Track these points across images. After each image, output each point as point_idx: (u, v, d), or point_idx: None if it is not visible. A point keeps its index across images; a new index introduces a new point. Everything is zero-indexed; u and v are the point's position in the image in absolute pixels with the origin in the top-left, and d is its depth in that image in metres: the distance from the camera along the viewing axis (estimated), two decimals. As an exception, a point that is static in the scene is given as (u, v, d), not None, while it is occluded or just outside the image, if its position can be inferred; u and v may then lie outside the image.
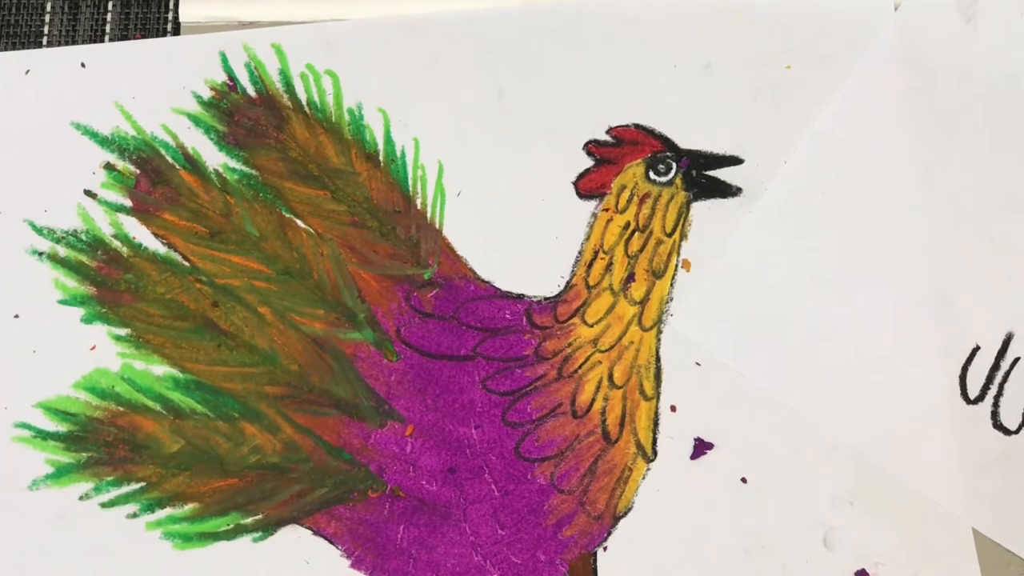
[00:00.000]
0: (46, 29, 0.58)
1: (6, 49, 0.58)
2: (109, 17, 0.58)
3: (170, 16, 0.58)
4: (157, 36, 0.58)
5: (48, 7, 0.59)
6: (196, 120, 0.55)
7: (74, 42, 0.58)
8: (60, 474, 0.52)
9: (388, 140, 0.55)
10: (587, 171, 0.54)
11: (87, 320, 0.53)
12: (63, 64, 0.56)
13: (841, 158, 0.54)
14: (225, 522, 0.51)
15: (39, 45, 0.58)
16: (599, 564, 0.51)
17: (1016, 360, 0.52)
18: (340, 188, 0.54)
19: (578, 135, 0.55)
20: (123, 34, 0.58)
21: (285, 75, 0.55)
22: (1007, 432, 0.51)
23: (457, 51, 0.56)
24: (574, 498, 0.51)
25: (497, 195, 0.54)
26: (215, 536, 0.51)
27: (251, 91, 0.55)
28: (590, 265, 0.53)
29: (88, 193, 0.54)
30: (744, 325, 0.53)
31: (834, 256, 0.53)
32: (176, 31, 0.58)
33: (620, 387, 0.52)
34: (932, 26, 0.55)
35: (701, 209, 0.54)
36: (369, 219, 0.54)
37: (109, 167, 0.55)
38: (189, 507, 0.51)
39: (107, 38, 0.58)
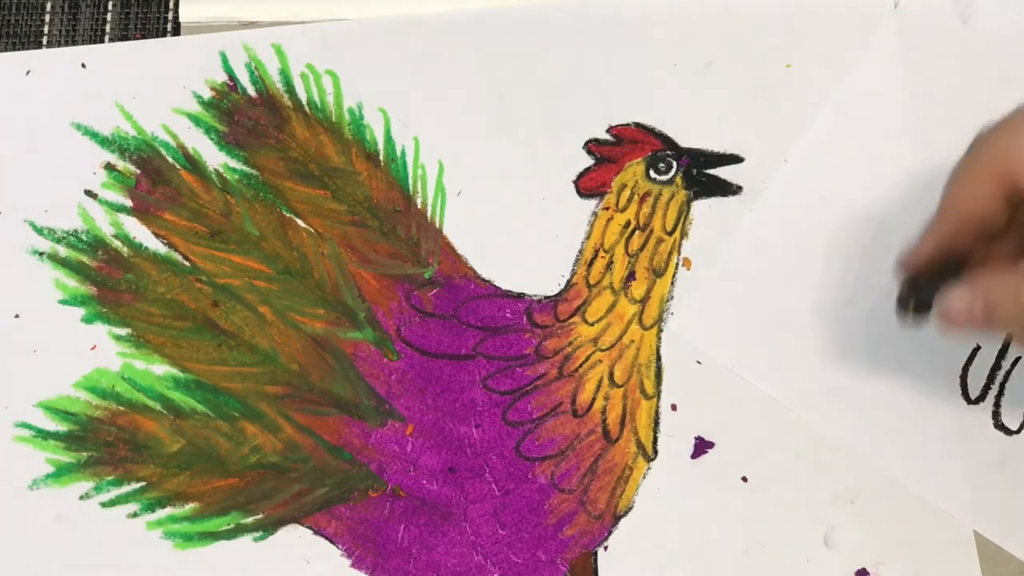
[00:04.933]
0: (46, 29, 0.59)
1: (6, 49, 0.58)
2: (109, 17, 0.59)
3: (170, 16, 0.58)
4: (157, 36, 0.58)
5: (48, 7, 0.59)
6: (196, 120, 0.55)
7: (74, 42, 0.58)
8: (60, 473, 0.52)
9: (388, 140, 0.55)
10: (587, 170, 0.54)
11: (87, 320, 0.53)
12: (63, 64, 0.56)
13: (841, 156, 0.54)
14: (225, 522, 0.51)
15: (39, 45, 0.58)
16: (600, 563, 0.51)
17: (1017, 360, 0.51)
18: (340, 187, 0.54)
19: (578, 134, 0.55)
20: (123, 34, 0.58)
21: (285, 75, 0.55)
22: (1008, 432, 0.51)
23: (457, 51, 0.56)
24: (575, 497, 0.51)
25: (497, 194, 0.54)
26: (215, 535, 0.51)
27: (251, 91, 0.55)
28: (591, 264, 0.53)
29: (88, 193, 0.54)
30: (743, 325, 0.53)
31: (833, 255, 0.53)
32: (176, 31, 0.58)
33: (621, 386, 0.52)
34: (931, 25, 0.55)
35: (701, 207, 0.54)
36: (369, 218, 0.54)
37: (109, 167, 0.55)
38: (189, 506, 0.51)
39: (107, 38, 0.58)
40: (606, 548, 0.51)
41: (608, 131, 0.55)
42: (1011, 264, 0.42)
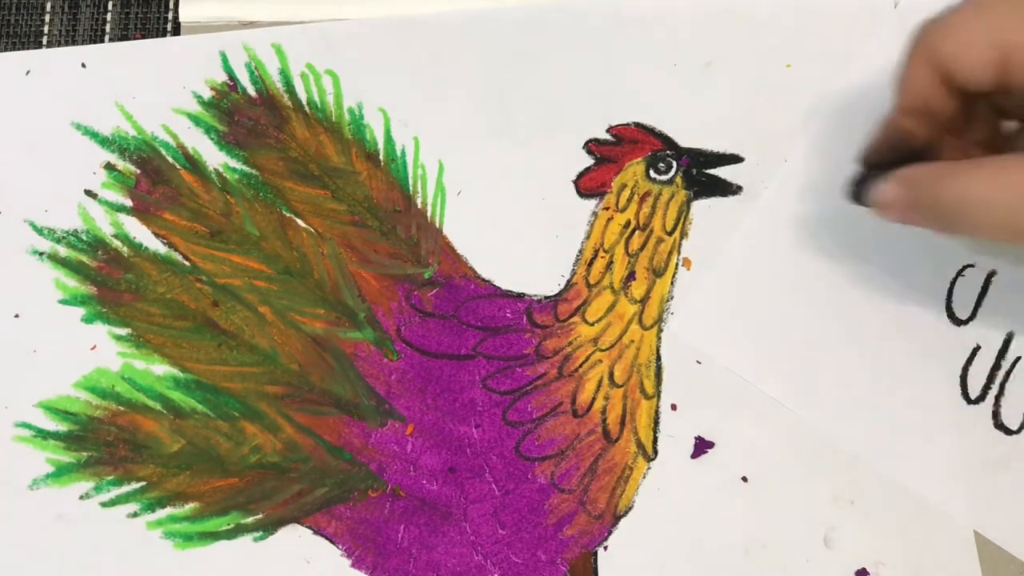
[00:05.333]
0: (46, 29, 0.59)
1: (6, 49, 0.58)
2: (109, 17, 0.59)
3: (170, 16, 0.58)
4: (157, 36, 0.58)
5: (48, 7, 0.59)
6: (196, 120, 0.55)
7: (74, 42, 0.58)
8: (60, 473, 0.52)
9: (388, 139, 0.55)
10: (587, 170, 0.54)
11: (87, 320, 0.53)
12: (63, 64, 0.56)
13: (841, 156, 0.54)
14: (226, 521, 0.51)
15: (39, 45, 0.58)
16: (600, 563, 0.51)
17: (1017, 359, 0.51)
18: (340, 187, 0.54)
19: (578, 134, 0.55)
20: (123, 34, 0.58)
21: (285, 75, 0.55)
22: (1008, 432, 0.51)
23: (457, 51, 0.56)
24: (575, 497, 0.51)
25: (497, 194, 0.54)
26: (215, 535, 0.51)
27: (251, 91, 0.55)
28: (590, 264, 0.53)
29: (89, 193, 0.54)
30: (743, 325, 0.53)
31: (834, 255, 0.53)
32: (176, 31, 0.58)
33: (620, 386, 0.52)
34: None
35: (701, 207, 0.54)
36: (369, 218, 0.54)
37: (110, 167, 0.55)
38: (190, 506, 0.51)
39: (107, 38, 0.58)
40: (606, 548, 0.51)
41: (608, 131, 0.55)
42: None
